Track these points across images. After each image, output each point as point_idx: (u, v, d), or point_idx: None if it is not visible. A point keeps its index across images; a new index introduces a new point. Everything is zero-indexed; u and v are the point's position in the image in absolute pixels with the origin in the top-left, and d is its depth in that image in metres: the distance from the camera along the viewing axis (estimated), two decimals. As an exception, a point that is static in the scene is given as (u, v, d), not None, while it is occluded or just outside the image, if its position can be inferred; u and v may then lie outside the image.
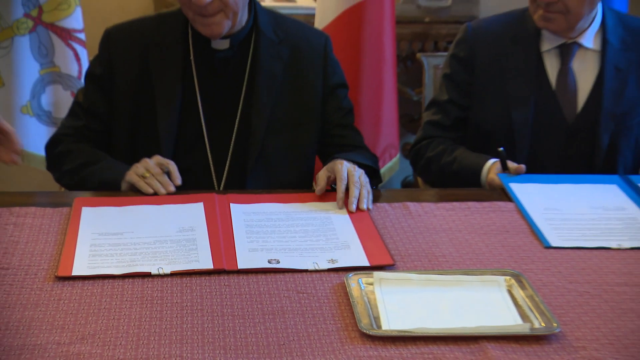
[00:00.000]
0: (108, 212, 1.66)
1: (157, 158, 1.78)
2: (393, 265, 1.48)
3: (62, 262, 1.42)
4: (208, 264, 1.45)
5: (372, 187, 1.81)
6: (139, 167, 1.77)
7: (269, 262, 1.46)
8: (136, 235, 1.57)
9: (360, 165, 1.82)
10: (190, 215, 1.65)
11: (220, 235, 1.56)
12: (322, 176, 1.76)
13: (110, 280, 1.39)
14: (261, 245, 1.54)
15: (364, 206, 1.71)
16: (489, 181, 1.87)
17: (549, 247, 1.56)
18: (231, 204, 1.69)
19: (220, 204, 1.69)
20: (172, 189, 1.76)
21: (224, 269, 1.43)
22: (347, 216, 1.68)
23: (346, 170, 1.73)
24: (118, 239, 1.55)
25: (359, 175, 1.74)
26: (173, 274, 1.40)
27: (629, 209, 1.74)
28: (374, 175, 1.92)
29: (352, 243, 1.56)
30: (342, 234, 1.61)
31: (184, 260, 1.46)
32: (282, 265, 1.45)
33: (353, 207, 1.70)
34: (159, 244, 1.53)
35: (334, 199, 1.72)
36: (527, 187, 1.79)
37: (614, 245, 1.57)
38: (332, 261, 1.48)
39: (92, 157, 1.84)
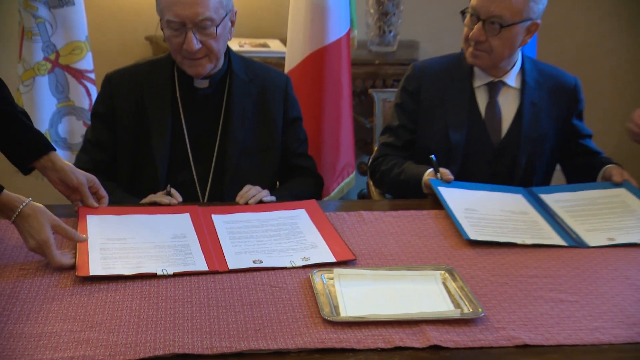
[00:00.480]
0: (110, 219, 1.63)
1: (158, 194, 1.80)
2: (355, 260, 1.50)
3: (79, 263, 1.40)
4: (203, 266, 1.44)
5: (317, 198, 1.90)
6: (151, 195, 1.79)
7: (254, 262, 1.46)
8: (138, 241, 1.55)
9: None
10: (180, 223, 1.63)
11: (209, 241, 1.55)
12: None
13: (114, 278, 1.38)
14: (244, 249, 1.53)
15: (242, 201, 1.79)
16: (425, 184, 1.87)
17: (469, 239, 1.58)
18: (212, 215, 1.68)
19: (203, 215, 1.68)
20: (178, 200, 1.77)
21: (218, 270, 1.43)
22: (310, 221, 1.68)
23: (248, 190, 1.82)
24: (123, 244, 1.53)
25: (249, 190, 1.81)
26: (176, 275, 1.40)
27: (530, 214, 1.75)
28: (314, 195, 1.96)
29: (318, 243, 1.57)
30: (308, 235, 1.61)
31: (182, 263, 1.45)
32: (265, 264, 1.46)
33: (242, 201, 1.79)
34: (159, 249, 1.52)
35: (296, 207, 1.75)
36: (451, 191, 1.79)
37: (519, 241, 1.59)
38: (305, 259, 1.49)
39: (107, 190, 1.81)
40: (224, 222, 1.66)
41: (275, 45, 3.03)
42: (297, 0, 2.59)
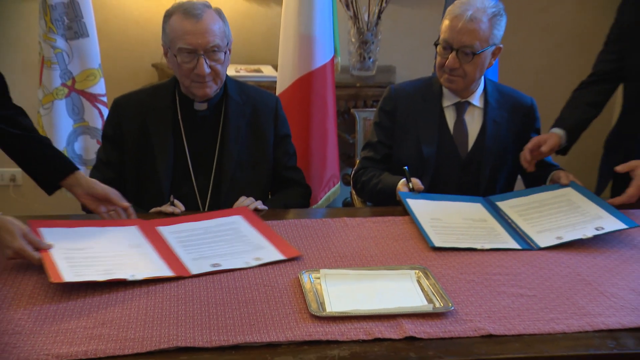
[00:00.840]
0: (62, 232, 1.54)
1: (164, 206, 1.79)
2: (301, 256, 1.50)
3: (50, 271, 1.32)
4: (169, 272, 1.40)
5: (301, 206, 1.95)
6: (157, 207, 1.78)
7: (213, 266, 1.43)
8: (97, 250, 1.48)
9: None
10: (130, 235, 1.57)
11: (164, 250, 1.50)
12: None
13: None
14: (199, 255, 1.49)
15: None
16: (397, 192, 1.86)
17: (434, 247, 1.57)
18: (156, 227, 1.61)
19: (148, 227, 1.61)
20: (182, 209, 1.76)
21: (183, 275, 1.39)
22: (249, 225, 1.64)
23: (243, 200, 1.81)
24: (84, 253, 1.46)
25: (244, 200, 1.81)
26: (146, 280, 1.35)
27: (488, 221, 1.75)
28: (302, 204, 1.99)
29: (263, 244, 1.54)
30: (252, 238, 1.57)
31: (147, 269, 1.40)
32: (224, 267, 1.43)
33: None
34: (121, 257, 1.46)
35: (231, 214, 1.71)
36: (418, 202, 1.79)
37: (478, 246, 1.59)
38: (258, 259, 1.47)
39: None
40: (169, 233, 1.59)
41: (267, 71, 3.03)
42: (286, 31, 2.61)
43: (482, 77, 2.01)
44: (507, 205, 1.83)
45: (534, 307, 1.32)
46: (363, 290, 1.35)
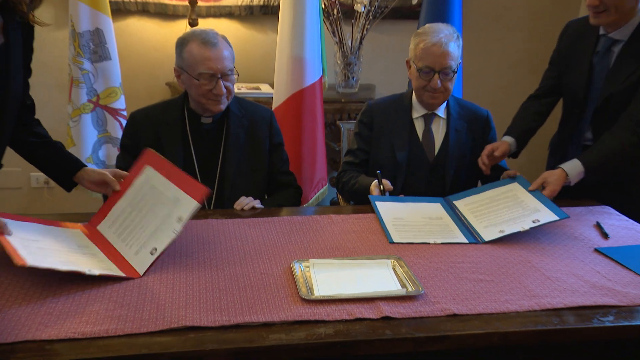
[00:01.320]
0: (16, 224, 1.39)
1: None
2: (209, 190, 1.47)
3: (12, 255, 1.22)
4: (119, 272, 1.33)
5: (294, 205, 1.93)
6: None
7: (151, 253, 1.36)
8: (49, 244, 1.37)
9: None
10: (77, 236, 1.47)
11: (110, 250, 1.42)
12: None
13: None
14: (137, 245, 1.40)
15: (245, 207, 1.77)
16: (368, 196, 1.86)
17: (392, 242, 1.56)
18: (97, 227, 1.51)
19: (90, 229, 1.51)
20: None
21: (133, 277, 1.32)
22: (160, 176, 1.50)
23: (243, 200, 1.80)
24: (38, 244, 1.34)
25: (241, 201, 1.80)
26: (101, 276, 1.28)
27: (444, 219, 1.74)
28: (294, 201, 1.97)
29: (178, 195, 1.44)
30: (166, 191, 1.46)
31: (100, 267, 1.32)
32: (160, 249, 1.36)
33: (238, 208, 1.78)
34: (74, 253, 1.36)
35: (140, 166, 1.56)
36: (385, 204, 1.78)
37: (431, 241, 1.58)
38: (180, 219, 1.40)
39: None
40: (108, 227, 1.49)
41: (265, 88, 3.03)
42: (281, 54, 2.61)
43: None
44: (463, 204, 1.83)
45: (491, 291, 1.33)
46: (346, 277, 1.35)
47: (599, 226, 1.70)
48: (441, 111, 2.01)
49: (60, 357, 1.06)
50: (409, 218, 1.73)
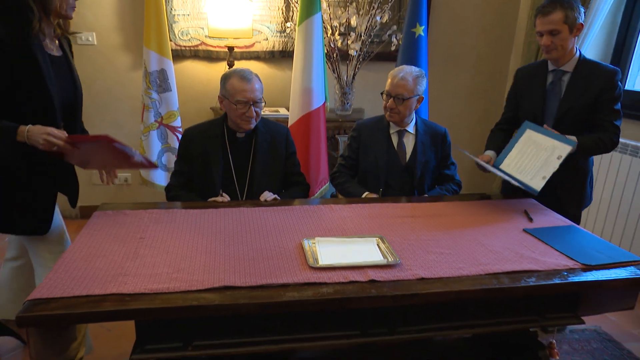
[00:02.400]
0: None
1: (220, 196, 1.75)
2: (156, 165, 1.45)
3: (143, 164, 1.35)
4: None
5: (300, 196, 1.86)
6: (212, 198, 1.75)
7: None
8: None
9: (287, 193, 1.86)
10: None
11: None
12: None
13: (193, 236, 1.34)
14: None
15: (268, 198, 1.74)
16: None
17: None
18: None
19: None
20: (227, 199, 1.74)
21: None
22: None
23: (266, 193, 1.77)
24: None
25: (265, 194, 1.77)
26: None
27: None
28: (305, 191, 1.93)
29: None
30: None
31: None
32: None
33: (262, 199, 1.75)
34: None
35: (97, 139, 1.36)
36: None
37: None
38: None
39: (188, 197, 1.79)
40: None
41: (282, 111, 3.00)
42: (294, 85, 2.58)
43: (414, 115, 1.99)
44: (505, 165, 1.78)
45: (449, 260, 1.31)
46: (342, 251, 1.35)
47: (526, 213, 1.68)
48: (411, 128, 1.98)
49: (135, 305, 1.06)
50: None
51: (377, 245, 1.39)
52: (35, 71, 1.29)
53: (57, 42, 1.43)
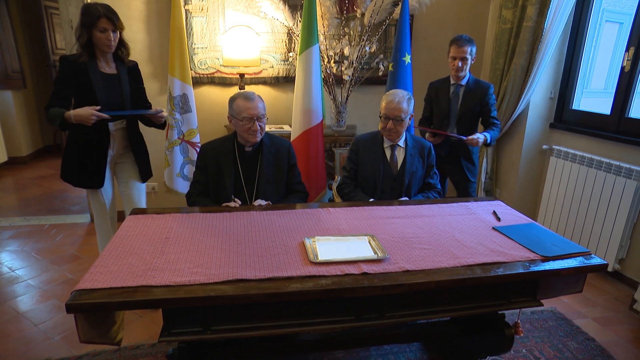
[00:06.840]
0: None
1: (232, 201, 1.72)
2: None
3: None
4: None
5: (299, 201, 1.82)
6: (225, 204, 1.73)
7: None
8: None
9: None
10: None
11: None
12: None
13: (210, 236, 1.33)
14: None
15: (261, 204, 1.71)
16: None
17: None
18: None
19: None
20: (239, 204, 1.72)
21: None
22: None
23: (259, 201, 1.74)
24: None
25: (257, 201, 1.74)
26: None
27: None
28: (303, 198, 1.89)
29: None
30: None
31: None
32: None
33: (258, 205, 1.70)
34: None
35: None
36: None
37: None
38: None
39: (205, 202, 1.78)
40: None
41: (286, 127, 3.00)
42: (296, 105, 2.58)
43: (405, 132, 1.99)
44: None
45: (430, 255, 1.31)
46: (339, 247, 1.34)
47: (495, 213, 1.69)
48: (402, 142, 1.98)
49: (162, 296, 1.07)
50: None
51: (369, 242, 1.38)
52: (87, 82, 1.77)
53: (113, 64, 1.84)
